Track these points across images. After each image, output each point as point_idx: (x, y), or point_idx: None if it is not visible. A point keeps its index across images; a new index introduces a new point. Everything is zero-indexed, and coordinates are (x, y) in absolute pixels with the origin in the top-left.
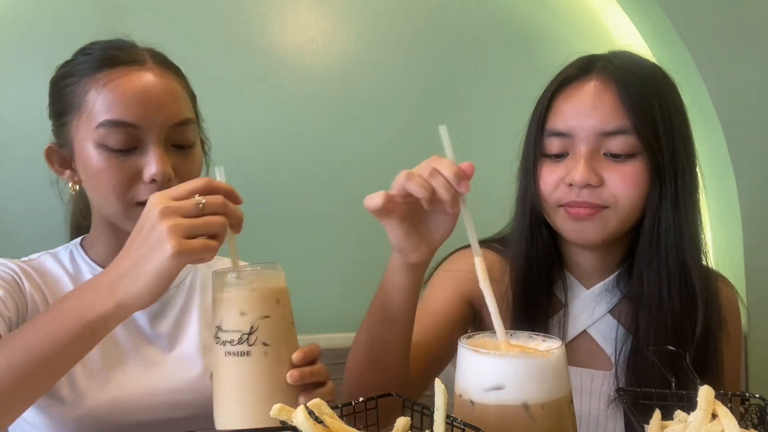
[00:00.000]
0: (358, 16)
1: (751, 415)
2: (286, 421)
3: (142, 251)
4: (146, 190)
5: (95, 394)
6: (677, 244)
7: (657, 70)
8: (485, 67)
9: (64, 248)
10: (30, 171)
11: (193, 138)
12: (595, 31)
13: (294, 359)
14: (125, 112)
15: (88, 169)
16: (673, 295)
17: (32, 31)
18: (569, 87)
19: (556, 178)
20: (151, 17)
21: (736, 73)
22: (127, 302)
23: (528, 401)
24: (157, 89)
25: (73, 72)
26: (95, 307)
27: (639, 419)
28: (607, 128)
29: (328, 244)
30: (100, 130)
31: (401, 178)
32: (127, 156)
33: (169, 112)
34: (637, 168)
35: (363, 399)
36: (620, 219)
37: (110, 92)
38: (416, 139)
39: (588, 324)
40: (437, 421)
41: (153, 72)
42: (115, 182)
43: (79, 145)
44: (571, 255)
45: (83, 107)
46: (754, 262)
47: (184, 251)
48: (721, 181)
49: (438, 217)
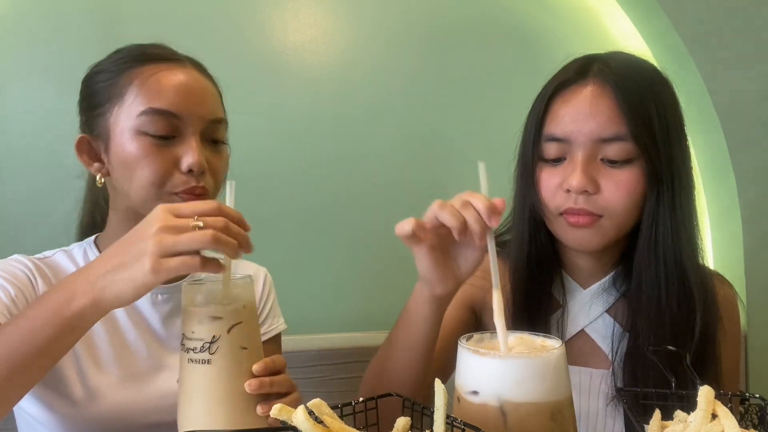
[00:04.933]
0: (358, 16)
1: (751, 415)
2: (286, 421)
3: (126, 257)
4: (182, 179)
5: (106, 394)
6: (674, 247)
7: (654, 72)
8: (485, 66)
9: (78, 246)
10: (30, 172)
11: (225, 137)
12: (595, 31)
13: (254, 370)
14: (168, 102)
15: (126, 156)
16: (671, 298)
17: (33, 32)
18: (567, 91)
19: (555, 183)
20: (151, 17)
21: (736, 73)
22: (105, 301)
23: (527, 401)
24: (198, 85)
25: (112, 67)
26: (73, 303)
27: (639, 419)
28: (604, 134)
29: (326, 243)
30: (142, 117)
31: (434, 207)
32: (166, 143)
33: (208, 107)
34: (634, 174)
35: (363, 399)
36: (617, 226)
37: (155, 82)
38: (416, 138)
39: (586, 323)
40: (437, 421)
41: (193, 71)
42: (153, 169)
43: (118, 133)
44: (568, 257)
45: (125, 97)
46: (754, 262)
47: (160, 270)
48: (721, 181)
49: (466, 250)
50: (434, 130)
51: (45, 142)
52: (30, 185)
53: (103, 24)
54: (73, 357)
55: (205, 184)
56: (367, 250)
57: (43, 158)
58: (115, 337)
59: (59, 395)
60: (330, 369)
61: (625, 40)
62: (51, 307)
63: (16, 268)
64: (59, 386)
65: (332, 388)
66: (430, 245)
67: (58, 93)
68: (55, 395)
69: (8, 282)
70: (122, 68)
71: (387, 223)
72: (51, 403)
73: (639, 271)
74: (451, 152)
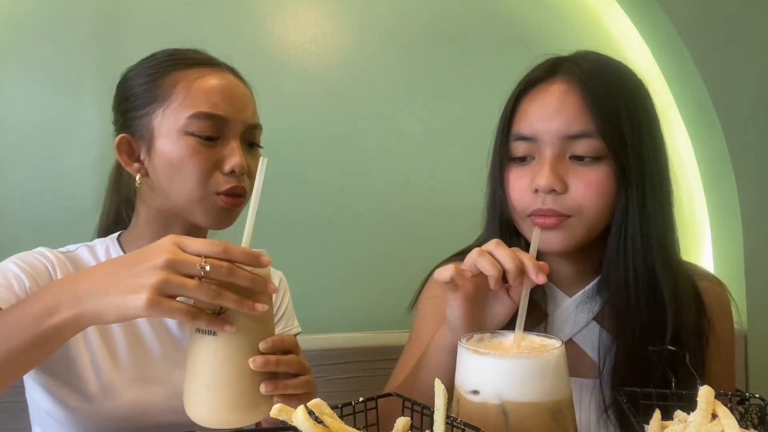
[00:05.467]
0: (358, 16)
1: (751, 415)
2: (286, 421)
3: (124, 283)
4: (224, 179)
5: (121, 391)
6: (644, 250)
7: (625, 71)
8: (485, 66)
9: (101, 242)
10: (30, 173)
11: (260, 142)
12: (595, 31)
13: (261, 347)
14: (216, 105)
15: (172, 156)
16: (641, 303)
17: (32, 34)
18: (534, 89)
19: (524, 184)
20: (151, 18)
21: (736, 73)
22: (85, 317)
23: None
24: (240, 90)
25: (152, 70)
26: (55, 315)
27: (639, 419)
28: (571, 131)
29: (327, 244)
30: (191, 119)
31: (473, 255)
32: (210, 145)
33: (249, 112)
34: (603, 173)
35: (363, 399)
36: (586, 227)
37: (203, 86)
38: (416, 138)
39: (572, 332)
40: (437, 421)
41: (231, 76)
42: (198, 168)
43: (163, 133)
44: (548, 262)
45: (170, 99)
46: (754, 262)
47: (155, 307)
48: (721, 181)
49: (497, 305)
50: (434, 129)
51: (44, 142)
52: (29, 185)
53: (104, 24)
54: (89, 353)
55: (244, 184)
56: (367, 251)
57: (43, 158)
58: (131, 336)
59: (73, 390)
60: (330, 369)
61: (625, 40)
62: (31, 315)
63: (37, 260)
64: (73, 381)
65: (332, 388)
66: (465, 294)
67: (57, 93)
68: (69, 390)
69: (24, 272)
70: (165, 71)
71: (387, 223)
72: (64, 398)
73: (607, 274)
74: (451, 152)
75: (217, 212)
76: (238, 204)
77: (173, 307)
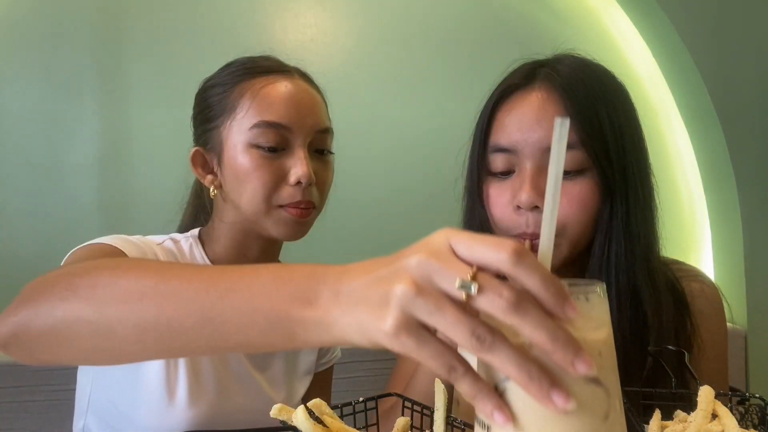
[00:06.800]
0: (358, 16)
1: (751, 415)
2: (286, 421)
3: (369, 293)
4: (288, 192)
5: (195, 399)
6: (628, 266)
7: (606, 76)
8: (485, 66)
9: (185, 238)
10: (30, 172)
11: (331, 146)
12: (595, 31)
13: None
14: (279, 114)
15: (238, 169)
16: (623, 315)
17: (32, 34)
18: (512, 97)
19: (505, 200)
20: (151, 18)
21: (736, 73)
22: (327, 331)
23: None
24: (306, 96)
25: (225, 81)
26: (309, 307)
27: (639, 419)
28: None
29: (326, 244)
30: (254, 130)
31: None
32: (275, 156)
33: (316, 118)
34: (586, 186)
35: (363, 399)
36: (571, 243)
37: (266, 95)
38: (416, 138)
39: None
40: (437, 421)
41: (301, 81)
42: (263, 182)
43: (230, 146)
44: None
45: (236, 110)
46: (754, 262)
47: (398, 337)
48: (721, 181)
49: None
50: (434, 129)
51: (44, 142)
52: (29, 185)
53: (103, 24)
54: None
55: (312, 198)
56: (367, 252)
57: (43, 158)
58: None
59: (145, 389)
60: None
61: (625, 40)
62: (267, 295)
63: (144, 244)
64: (148, 376)
65: (332, 388)
66: None
67: (57, 93)
68: (142, 387)
69: (135, 246)
70: (235, 81)
71: (387, 223)
72: (131, 393)
73: None
74: (451, 152)
75: (286, 224)
76: (306, 215)
77: (429, 349)
